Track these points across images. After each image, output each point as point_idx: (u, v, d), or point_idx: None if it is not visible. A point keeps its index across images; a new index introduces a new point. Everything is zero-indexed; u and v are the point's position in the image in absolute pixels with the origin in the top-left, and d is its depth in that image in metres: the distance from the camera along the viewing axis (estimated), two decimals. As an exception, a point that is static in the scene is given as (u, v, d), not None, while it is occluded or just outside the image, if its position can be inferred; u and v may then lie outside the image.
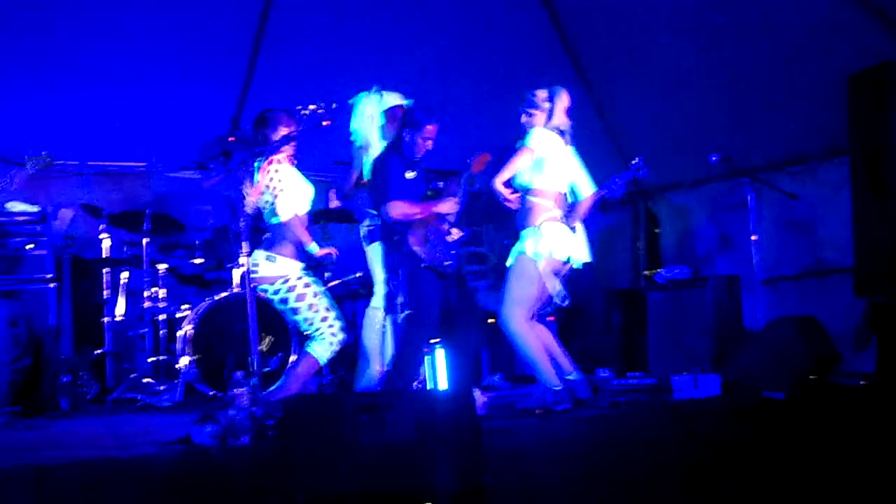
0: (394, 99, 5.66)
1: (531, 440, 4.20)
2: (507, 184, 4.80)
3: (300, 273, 4.93)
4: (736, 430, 4.44)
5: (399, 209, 5.01)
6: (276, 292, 4.90)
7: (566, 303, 4.91)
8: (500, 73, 7.14)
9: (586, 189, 5.23)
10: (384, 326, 5.44)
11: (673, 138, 7.45)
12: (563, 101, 4.93)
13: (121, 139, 7.12)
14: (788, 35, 6.19)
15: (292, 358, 5.74)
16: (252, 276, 4.68)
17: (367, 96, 5.67)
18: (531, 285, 4.81)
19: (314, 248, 4.93)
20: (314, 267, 5.48)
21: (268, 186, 4.88)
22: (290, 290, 4.87)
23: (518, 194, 4.89)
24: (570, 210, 5.06)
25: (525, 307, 4.81)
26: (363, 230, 5.68)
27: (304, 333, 4.98)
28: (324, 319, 4.86)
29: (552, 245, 4.81)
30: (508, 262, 4.96)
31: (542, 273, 4.78)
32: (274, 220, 4.94)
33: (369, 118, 5.67)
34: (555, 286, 4.84)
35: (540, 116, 4.93)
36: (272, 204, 4.91)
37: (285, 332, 5.94)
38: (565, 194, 5.02)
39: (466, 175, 5.16)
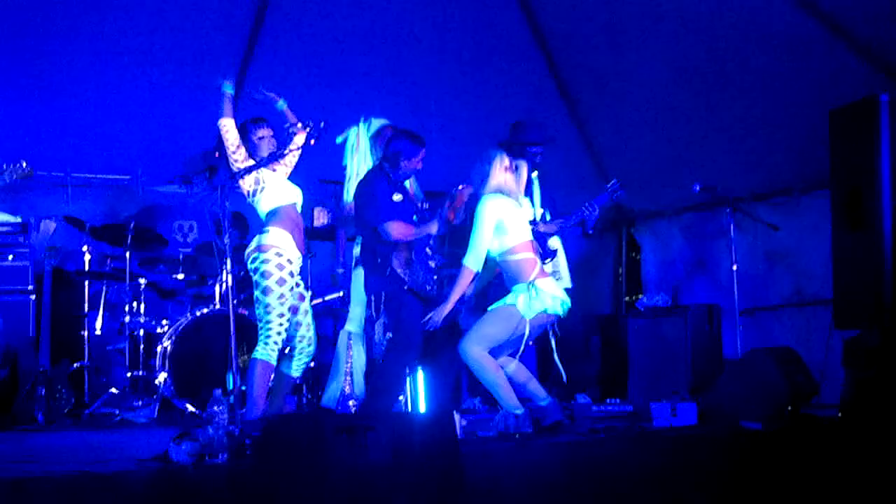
0: (380, 122, 5.68)
1: (509, 465, 4.20)
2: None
3: (293, 255, 4.82)
4: (713, 459, 4.46)
5: (398, 229, 5.03)
6: (265, 262, 4.73)
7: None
8: (488, 98, 7.19)
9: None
10: (355, 347, 5.46)
11: (657, 167, 7.51)
12: (501, 164, 5.02)
13: (106, 151, 7.10)
14: (773, 68, 6.27)
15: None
16: (249, 252, 4.74)
17: (355, 130, 5.68)
18: (507, 334, 4.86)
19: None
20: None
21: (251, 189, 4.90)
22: (279, 266, 4.72)
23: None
24: (534, 233, 5.18)
25: (487, 346, 4.85)
26: (357, 250, 5.66)
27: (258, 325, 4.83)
28: (280, 315, 4.72)
29: (545, 302, 4.88)
30: (492, 307, 4.99)
31: (527, 327, 4.83)
32: (262, 213, 4.94)
33: (359, 149, 5.69)
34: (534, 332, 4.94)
35: (482, 178, 5.02)
36: (257, 200, 4.91)
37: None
38: (533, 242, 5.09)
39: (447, 208, 5.18)
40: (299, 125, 4.86)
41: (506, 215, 4.95)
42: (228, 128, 4.94)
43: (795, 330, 6.72)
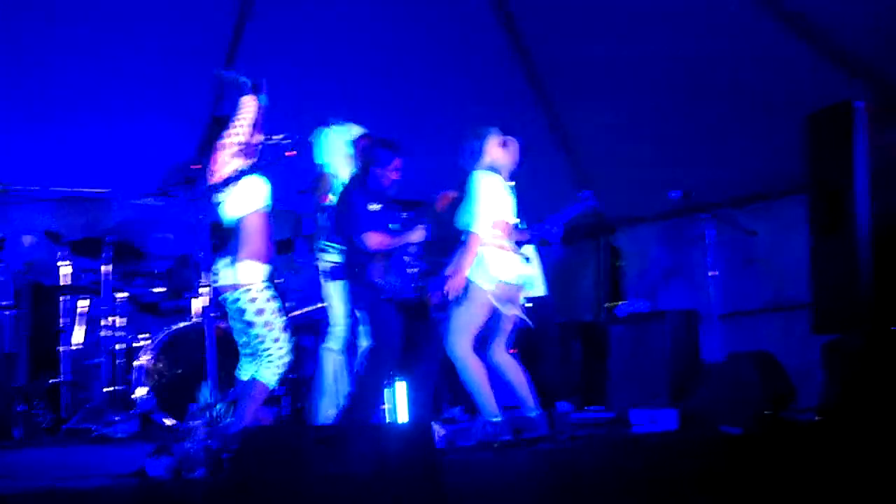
0: (358, 130, 5.69)
1: (489, 474, 4.20)
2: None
3: (264, 283, 4.59)
4: (693, 465, 4.47)
5: (376, 239, 5.03)
6: (235, 301, 4.54)
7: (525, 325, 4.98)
8: (467, 106, 7.20)
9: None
10: (340, 364, 5.42)
11: (636, 173, 7.53)
12: (494, 140, 5.05)
13: (83, 165, 7.07)
14: (750, 74, 6.32)
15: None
16: (214, 284, 4.50)
17: (330, 129, 5.68)
18: (478, 312, 4.84)
19: None
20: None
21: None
22: (252, 301, 4.53)
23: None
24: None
25: (470, 334, 4.84)
26: (323, 265, 5.62)
27: (249, 352, 4.70)
28: (276, 340, 4.55)
29: (499, 270, 4.86)
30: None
31: (493, 299, 4.81)
32: (227, 221, 4.65)
33: (338, 149, 5.67)
34: (511, 310, 4.89)
35: (475, 155, 5.04)
36: (223, 204, 4.64)
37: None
38: (509, 224, 5.08)
39: (431, 214, 5.20)
40: (276, 137, 4.81)
41: (493, 194, 4.96)
42: (254, 107, 4.63)
43: (774, 334, 6.75)
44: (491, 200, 4.95)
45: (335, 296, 5.46)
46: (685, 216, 7.46)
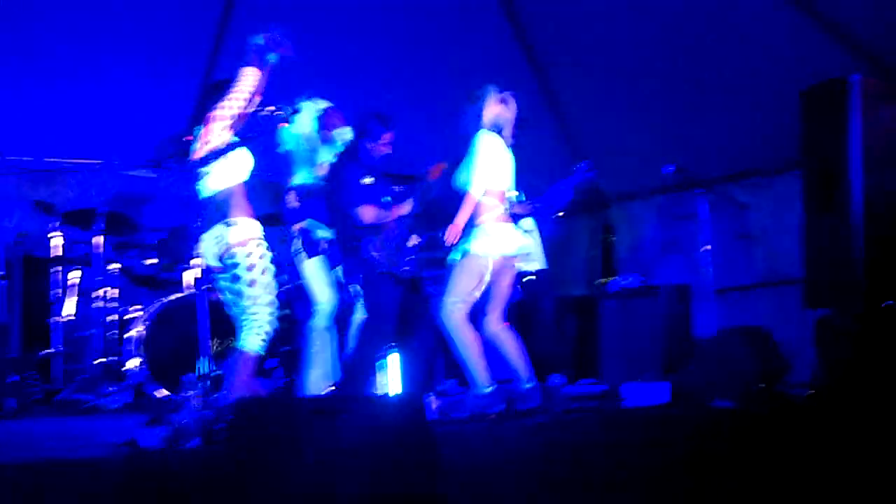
0: (324, 104, 5.61)
1: (483, 446, 4.21)
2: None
3: (260, 237, 4.48)
4: (685, 438, 4.49)
5: (370, 213, 5.02)
6: (248, 255, 4.37)
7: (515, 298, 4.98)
8: (461, 78, 7.15)
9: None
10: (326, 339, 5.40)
11: (631, 149, 7.53)
12: (493, 98, 5.02)
13: (76, 136, 7.03)
14: (745, 49, 6.30)
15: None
16: (222, 246, 4.39)
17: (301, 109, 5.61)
18: (475, 282, 4.84)
19: None
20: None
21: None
22: (261, 256, 4.40)
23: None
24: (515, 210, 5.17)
25: (465, 303, 4.83)
26: (296, 243, 5.52)
27: (239, 318, 4.52)
28: (269, 304, 4.41)
29: (500, 242, 4.88)
30: (452, 257, 4.98)
31: (492, 270, 4.82)
32: (214, 191, 4.50)
33: (305, 124, 5.62)
34: (508, 285, 4.89)
35: (475, 117, 5.00)
36: (208, 175, 4.49)
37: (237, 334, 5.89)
38: (504, 192, 5.05)
39: (423, 184, 5.18)
40: (269, 108, 4.75)
41: (494, 155, 4.95)
42: (254, 78, 4.51)
43: (768, 309, 6.77)
44: (491, 161, 4.93)
45: (315, 273, 5.39)
46: (679, 191, 7.45)
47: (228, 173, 4.50)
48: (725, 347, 5.27)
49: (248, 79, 4.50)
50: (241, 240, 4.40)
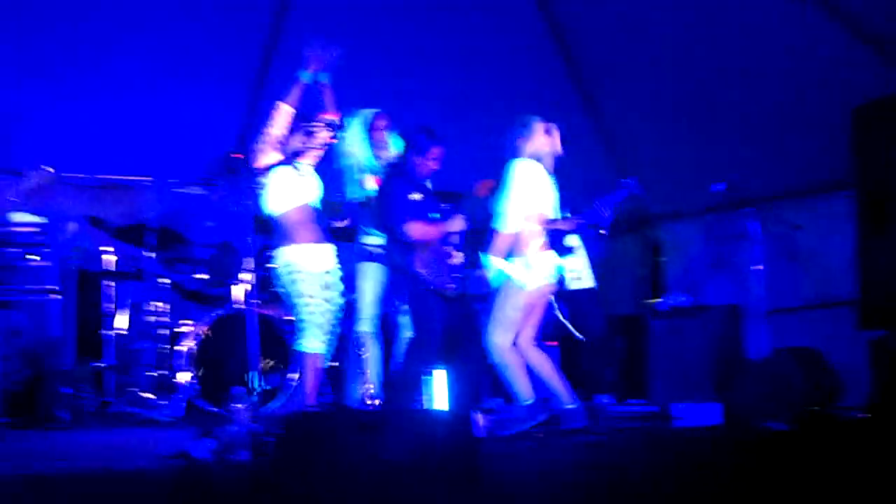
0: (370, 112, 5.66)
1: (528, 465, 4.18)
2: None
3: (325, 257, 4.84)
4: (736, 460, 4.42)
5: (418, 230, 5.03)
6: (290, 273, 4.79)
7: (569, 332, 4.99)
8: (506, 95, 7.17)
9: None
10: (370, 346, 5.43)
11: (678, 167, 7.48)
12: (538, 129, 5.02)
13: (128, 153, 7.15)
14: (792, 66, 6.24)
15: (293, 376, 5.71)
16: (274, 266, 4.72)
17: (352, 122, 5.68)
18: (517, 312, 4.86)
19: None
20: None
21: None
22: (306, 274, 4.77)
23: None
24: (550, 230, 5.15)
25: (509, 331, 4.86)
26: (360, 247, 5.63)
27: (298, 324, 4.85)
28: (324, 312, 4.77)
29: (542, 274, 4.88)
30: (493, 281, 4.97)
31: (532, 302, 4.81)
32: (272, 215, 4.91)
33: (355, 138, 5.68)
34: (541, 309, 4.92)
35: (516, 147, 5.01)
36: (265, 199, 4.88)
37: (286, 348, 5.94)
38: (546, 216, 5.06)
39: (470, 201, 5.19)
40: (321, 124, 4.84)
41: (535, 182, 4.95)
42: (285, 116, 4.83)
43: (819, 331, 6.64)
44: (529, 190, 4.92)
45: (369, 278, 5.45)
46: (728, 211, 7.37)
47: (284, 196, 4.80)
48: (778, 368, 5.20)
49: (279, 113, 4.80)
50: (287, 261, 4.75)
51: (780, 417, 4.79)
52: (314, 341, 4.73)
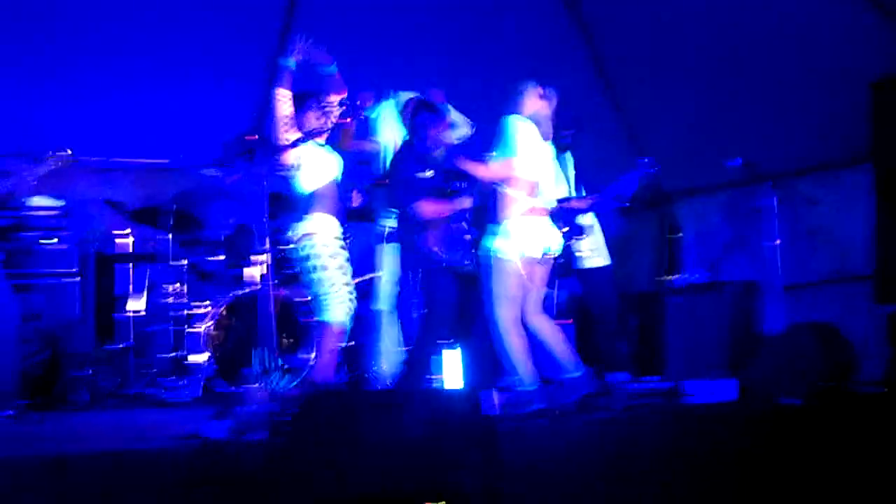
0: (407, 95, 5.68)
1: (545, 442, 4.19)
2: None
3: (338, 232, 4.82)
4: (751, 436, 4.42)
5: (430, 207, 5.01)
6: (312, 246, 4.75)
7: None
8: (521, 73, 7.13)
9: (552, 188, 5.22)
10: (386, 324, 5.46)
11: (694, 143, 7.43)
12: (533, 92, 4.90)
13: (145, 136, 7.19)
14: (810, 40, 6.17)
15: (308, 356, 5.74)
16: (291, 240, 4.73)
17: (385, 104, 5.70)
18: (509, 283, 4.71)
19: None
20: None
21: (292, 164, 4.85)
22: (325, 245, 4.74)
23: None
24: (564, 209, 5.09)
25: (509, 303, 4.73)
26: (381, 229, 5.69)
27: (319, 297, 4.81)
28: (347, 284, 4.75)
29: (522, 243, 4.73)
30: (482, 254, 4.88)
31: (520, 270, 4.73)
32: (299, 192, 4.88)
33: (389, 122, 5.71)
34: (541, 279, 4.83)
35: (512, 109, 4.90)
36: (296, 178, 4.86)
37: (303, 328, 5.98)
38: (536, 185, 4.88)
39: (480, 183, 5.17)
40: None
41: (528, 143, 4.81)
42: (284, 99, 4.86)
43: (836, 306, 6.60)
44: (521, 147, 4.76)
45: (389, 258, 5.49)
46: (745, 186, 7.32)
47: (317, 174, 4.81)
48: (793, 344, 5.17)
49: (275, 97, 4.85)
50: (306, 232, 4.73)
51: (796, 393, 4.77)
52: (337, 311, 4.70)
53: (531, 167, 4.82)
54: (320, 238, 4.73)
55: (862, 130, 5.33)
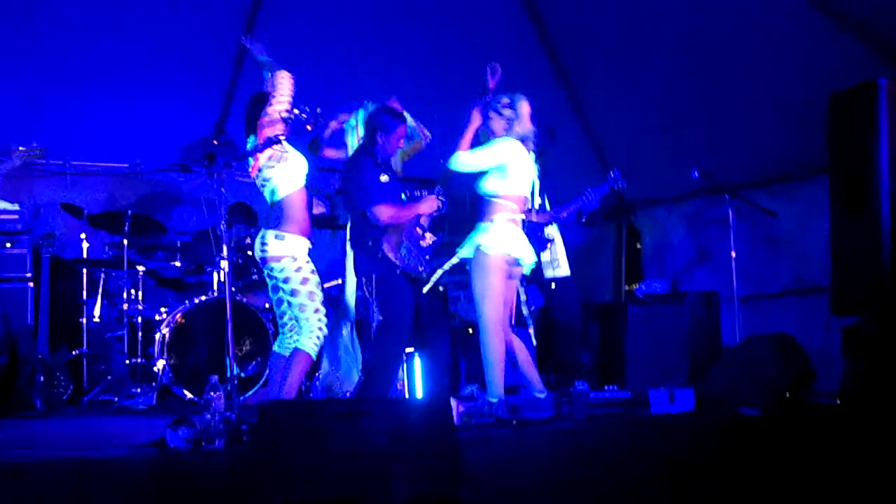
0: (371, 107, 5.66)
1: (506, 451, 4.20)
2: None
3: (307, 255, 4.73)
4: (710, 445, 4.46)
5: (387, 212, 4.98)
6: (282, 270, 4.63)
7: (532, 307, 4.98)
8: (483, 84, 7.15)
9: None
10: (345, 333, 5.43)
11: (656, 154, 7.50)
12: (525, 108, 5.00)
13: (105, 140, 7.10)
14: (771, 53, 6.25)
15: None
16: (262, 255, 4.62)
17: (356, 115, 5.67)
18: (493, 278, 4.85)
19: None
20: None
21: (264, 165, 4.70)
22: (297, 270, 4.64)
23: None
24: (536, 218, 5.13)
25: (494, 302, 4.83)
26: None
27: (286, 324, 4.80)
28: (316, 311, 4.65)
29: (504, 241, 4.87)
30: (465, 253, 4.98)
31: (505, 266, 4.84)
32: (275, 199, 4.73)
33: (357, 132, 5.68)
34: (512, 288, 4.91)
35: (499, 122, 5.00)
36: (271, 181, 4.71)
37: (263, 336, 5.93)
38: (526, 199, 5.10)
39: (443, 179, 5.17)
40: (295, 111, 4.79)
41: (516, 162, 4.95)
42: (287, 80, 4.74)
43: (795, 317, 6.70)
44: (512, 171, 4.92)
45: (351, 267, 5.47)
46: (706, 197, 7.41)
47: (289, 180, 4.70)
48: (752, 354, 5.22)
49: (286, 81, 4.71)
50: (277, 255, 4.62)
51: (754, 403, 4.82)
52: (307, 342, 4.64)
53: (519, 183, 4.98)
54: (299, 262, 4.66)
55: (821, 142, 5.40)
